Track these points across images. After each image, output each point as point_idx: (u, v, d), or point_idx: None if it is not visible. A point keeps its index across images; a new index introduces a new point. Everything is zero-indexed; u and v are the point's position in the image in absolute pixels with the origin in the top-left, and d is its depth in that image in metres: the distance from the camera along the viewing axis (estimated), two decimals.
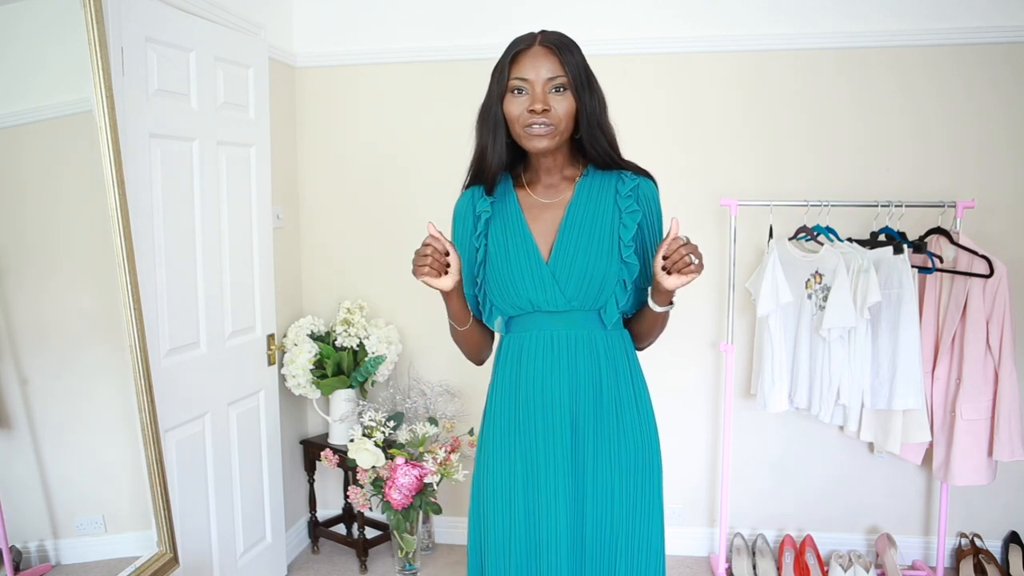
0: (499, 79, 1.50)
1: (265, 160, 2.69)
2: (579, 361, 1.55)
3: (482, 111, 1.55)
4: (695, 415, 3.07)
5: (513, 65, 1.49)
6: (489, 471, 1.60)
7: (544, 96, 1.46)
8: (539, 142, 1.49)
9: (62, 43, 1.93)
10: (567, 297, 1.53)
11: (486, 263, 1.58)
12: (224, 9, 2.56)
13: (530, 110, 1.46)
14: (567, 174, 1.60)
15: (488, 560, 1.59)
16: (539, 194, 1.60)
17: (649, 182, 1.59)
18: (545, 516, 1.53)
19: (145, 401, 2.02)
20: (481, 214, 1.59)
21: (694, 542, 3.11)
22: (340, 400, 2.99)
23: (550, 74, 1.47)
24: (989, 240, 2.77)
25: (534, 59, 1.47)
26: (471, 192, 1.64)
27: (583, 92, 1.49)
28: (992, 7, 2.76)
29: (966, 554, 2.87)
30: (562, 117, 1.48)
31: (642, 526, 1.57)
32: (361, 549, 2.98)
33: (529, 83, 1.47)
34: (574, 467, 1.54)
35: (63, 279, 2.03)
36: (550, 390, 1.55)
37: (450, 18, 3.03)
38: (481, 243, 1.59)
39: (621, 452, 1.55)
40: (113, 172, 1.93)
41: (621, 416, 1.56)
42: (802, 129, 2.91)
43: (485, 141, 1.55)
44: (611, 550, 1.55)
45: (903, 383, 2.56)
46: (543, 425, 1.55)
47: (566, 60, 1.48)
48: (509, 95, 1.50)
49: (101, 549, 2.04)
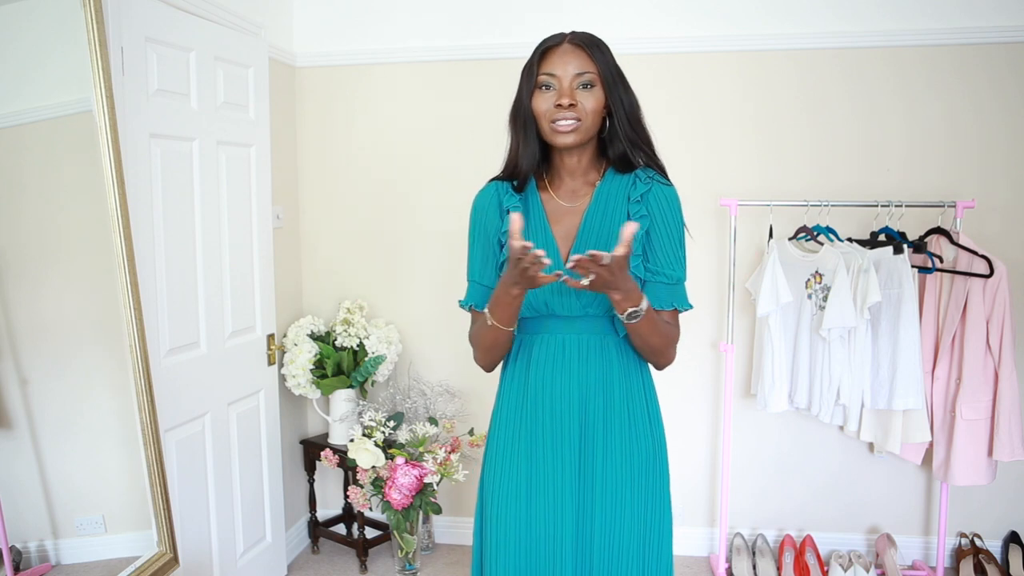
0: (528, 77, 1.51)
1: (265, 160, 2.69)
2: (590, 366, 1.53)
3: (513, 109, 1.55)
4: (695, 415, 3.07)
5: (542, 62, 1.50)
6: (494, 475, 1.59)
7: (571, 91, 1.47)
8: (564, 138, 1.48)
9: (62, 43, 1.92)
10: (582, 303, 1.52)
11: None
12: (224, 9, 2.56)
13: (557, 104, 1.46)
14: (589, 178, 1.58)
15: (489, 565, 1.58)
16: (561, 197, 1.58)
17: (664, 187, 1.55)
18: (550, 522, 1.52)
19: (145, 401, 2.02)
20: (510, 210, 1.56)
21: (694, 542, 3.11)
22: (340, 400, 2.99)
23: (578, 70, 1.47)
24: (989, 240, 2.77)
25: (562, 56, 1.48)
26: (494, 186, 1.61)
27: (615, 88, 1.49)
28: (991, 7, 2.76)
29: (966, 554, 2.87)
30: (589, 112, 1.47)
31: (653, 532, 1.56)
32: (361, 549, 2.98)
33: (556, 79, 1.48)
34: (580, 473, 1.53)
35: (63, 279, 2.03)
36: (559, 394, 1.53)
37: (450, 18, 3.03)
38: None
39: (633, 457, 1.54)
40: (113, 172, 1.93)
41: (633, 421, 1.55)
42: (802, 129, 2.91)
43: (517, 139, 1.55)
44: (620, 556, 1.53)
45: (903, 383, 2.56)
46: (550, 429, 1.54)
47: (595, 56, 1.48)
48: (537, 91, 1.50)
49: (101, 549, 2.04)
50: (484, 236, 1.62)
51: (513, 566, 1.54)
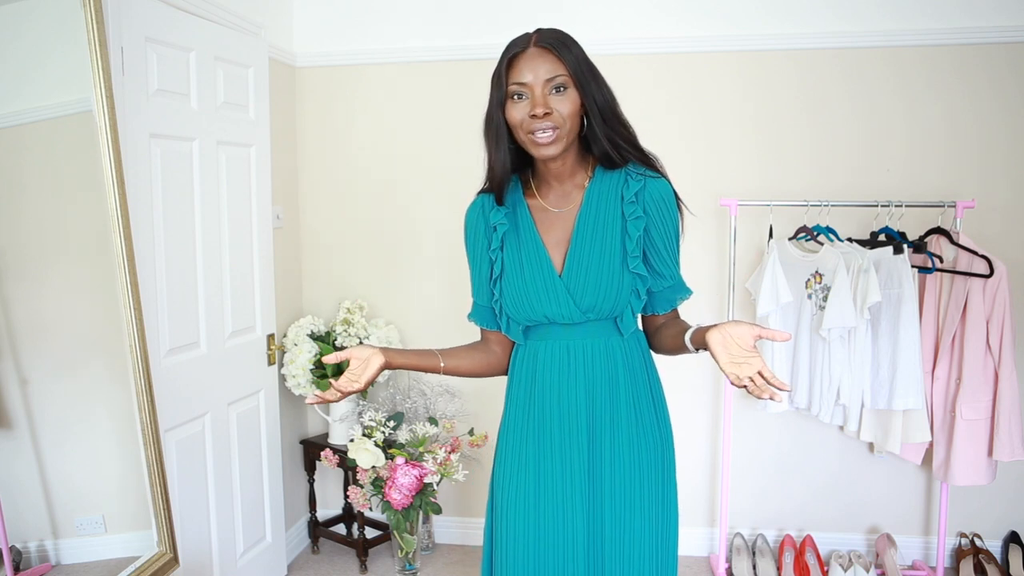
0: (498, 86, 1.45)
1: (265, 160, 2.69)
2: (596, 370, 1.52)
3: (486, 120, 1.49)
4: (695, 415, 3.07)
5: (510, 70, 1.43)
6: (504, 477, 1.59)
7: (544, 99, 1.41)
8: (546, 151, 1.43)
9: (62, 43, 1.92)
10: (582, 310, 1.50)
11: (502, 276, 1.55)
12: (224, 9, 2.56)
13: (531, 115, 1.41)
14: (577, 180, 1.54)
15: (500, 566, 1.57)
16: (550, 202, 1.55)
17: (657, 181, 1.50)
18: (560, 523, 1.52)
19: (145, 401, 2.02)
20: (497, 227, 1.55)
21: (694, 542, 3.11)
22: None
23: (548, 75, 1.41)
24: (989, 240, 2.76)
25: (530, 61, 1.42)
26: (480, 201, 1.59)
27: (588, 84, 1.43)
28: (991, 7, 2.76)
29: (966, 554, 2.86)
30: (566, 117, 1.42)
31: (663, 529, 1.55)
32: (361, 549, 2.98)
33: (528, 87, 1.41)
34: (590, 473, 1.53)
35: (63, 279, 2.03)
36: (567, 399, 1.53)
37: (451, 18, 3.03)
38: (497, 256, 1.55)
39: (641, 449, 1.53)
40: (113, 172, 1.93)
41: (640, 414, 1.54)
42: (802, 129, 2.91)
43: (491, 150, 1.50)
44: (632, 554, 1.52)
45: (903, 383, 2.56)
46: (559, 433, 1.53)
47: (564, 57, 1.41)
48: (509, 101, 1.44)
49: (101, 549, 2.04)
50: (474, 255, 1.61)
51: (523, 568, 1.54)
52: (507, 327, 1.59)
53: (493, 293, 1.58)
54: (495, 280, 1.57)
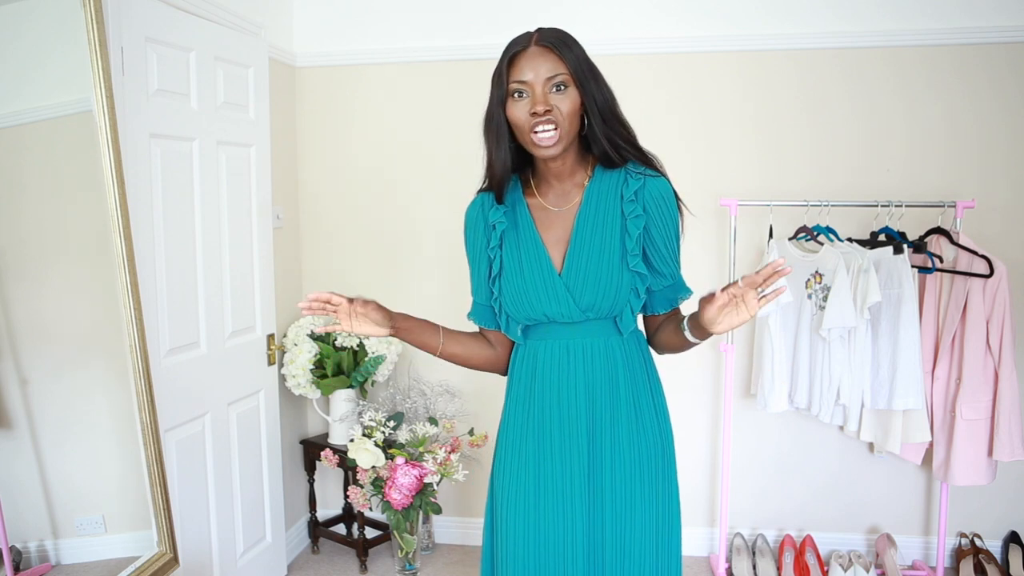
0: (498, 84, 1.46)
1: (265, 160, 2.69)
2: (596, 369, 1.53)
3: (486, 118, 1.50)
4: (695, 415, 3.07)
5: (511, 69, 1.44)
6: (504, 477, 1.59)
7: (545, 97, 1.42)
8: (548, 151, 1.44)
9: (62, 43, 1.93)
10: (582, 309, 1.50)
11: (501, 275, 1.55)
12: (224, 9, 2.56)
13: (532, 112, 1.42)
14: (577, 179, 1.54)
15: (500, 567, 1.58)
16: (549, 201, 1.56)
17: (657, 180, 1.51)
18: (560, 522, 1.52)
19: (145, 401, 2.02)
20: (496, 225, 1.55)
21: (694, 542, 3.11)
22: (340, 400, 2.99)
23: (549, 73, 1.42)
24: (989, 240, 2.76)
25: (531, 60, 1.43)
26: (480, 200, 1.60)
27: (588, 84, 1.44)
28: (991, 7, 2.76)
29: (966, 554, 2.86)
30: (566, 115, 1.42)
31: (664, 527, 1.55)
32: (361, 549, 2.98)
33: (528, 85, 1.42)
34: (590, 473, 1.53)
35: (63, 279, 2.03)
36: (566, 398, 1.53)
37: (450, 18, 3.03)
38: (496, 254, 1.56)
39: (641, 447, 1.53)
40: (113, 172, 1.93)
41: (640, 412, 1.54)
42: (802, 129, 2.91)
43: (491, 148, 1.50)
44: (632, 553, 1.52)
45: (903, 383, 2.56)
46: (559, 433, 1.53)
47: (564, 56, 1.42)
48: (510, 100, 1.45)
49: (101, 549, 2.04)
50: (474, 253, 1.61)
51: (523, 567, 1.54)
52: (506, 326, 1.59)
53: (492, 292, 1.58)
54: (494, 278, 1.57)
